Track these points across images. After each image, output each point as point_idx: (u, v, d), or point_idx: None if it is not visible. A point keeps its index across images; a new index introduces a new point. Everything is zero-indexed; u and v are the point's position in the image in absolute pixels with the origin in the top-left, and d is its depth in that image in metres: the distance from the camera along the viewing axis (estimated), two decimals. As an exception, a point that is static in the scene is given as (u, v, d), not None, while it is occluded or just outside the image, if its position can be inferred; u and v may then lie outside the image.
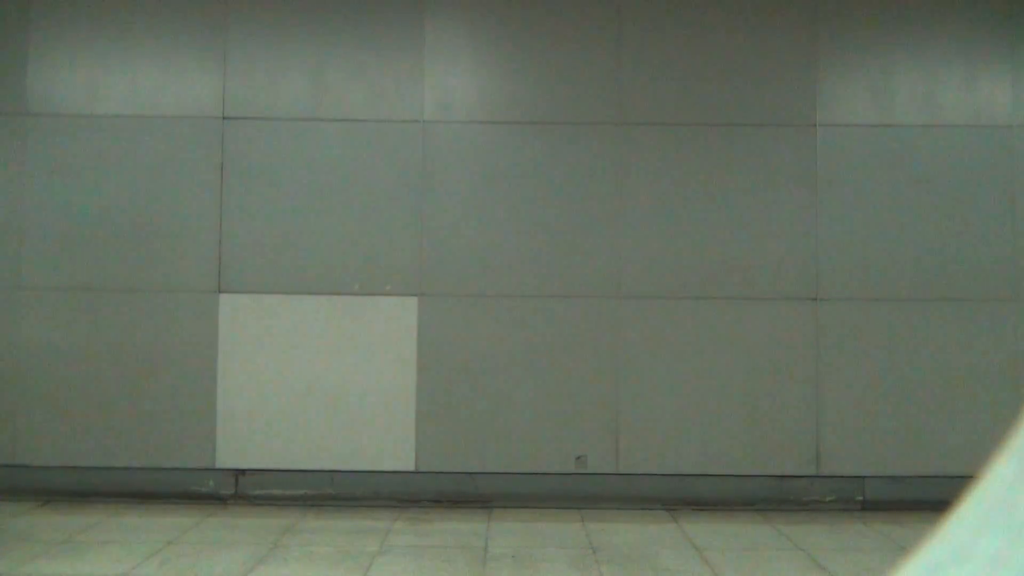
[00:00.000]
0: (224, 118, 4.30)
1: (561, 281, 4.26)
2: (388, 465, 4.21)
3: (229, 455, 4.20)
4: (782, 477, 4.22)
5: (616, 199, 4.29)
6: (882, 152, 4.31)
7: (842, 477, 4.22)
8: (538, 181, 4.30)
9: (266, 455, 4.20)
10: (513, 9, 4.35)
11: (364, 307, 4.24)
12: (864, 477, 4.21)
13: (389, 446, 4.21)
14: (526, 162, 4.30)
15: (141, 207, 4.27)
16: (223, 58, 4.32)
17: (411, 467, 4.21)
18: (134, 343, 4.22)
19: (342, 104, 4.31)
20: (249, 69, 4.32)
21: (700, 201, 4.29)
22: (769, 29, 4.34)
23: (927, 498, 4.10)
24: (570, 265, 4.27)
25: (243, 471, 4.22)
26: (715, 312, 4.25)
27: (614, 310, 4.25)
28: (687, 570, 3.20)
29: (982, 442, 4.08)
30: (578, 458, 4.21)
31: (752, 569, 3.26)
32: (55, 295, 4.24)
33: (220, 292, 4.24)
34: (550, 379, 4.24)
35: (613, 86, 4.32)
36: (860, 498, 4.21)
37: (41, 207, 4.27)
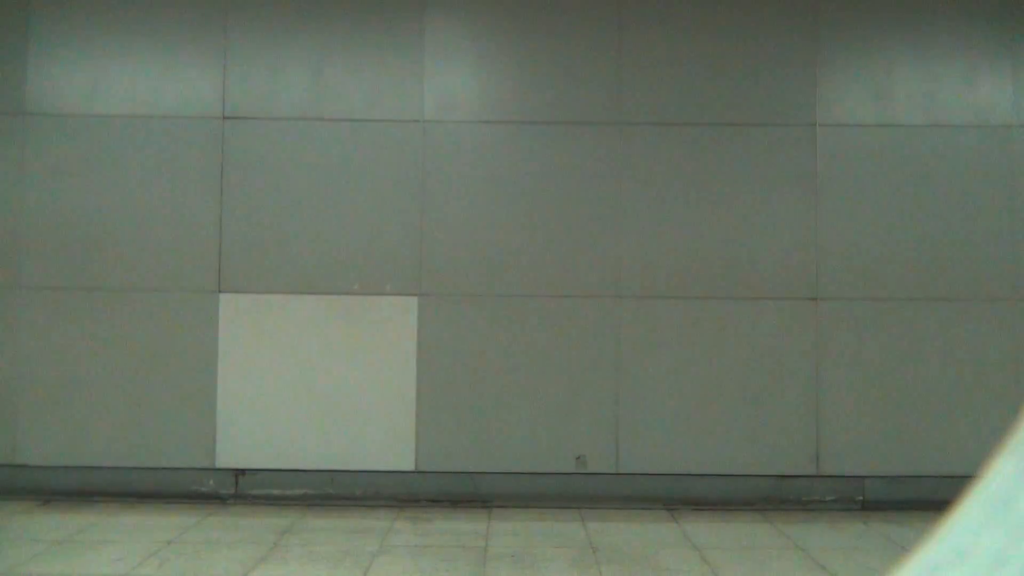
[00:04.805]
0: (224, 118, 4.30)
1: (561, 281, 4.26)
2: (388, 465, 4.21)
3: (229, 455, 4.21)
4: (782, 477, 4.22)
5: (616, 199, 4.29)
6: (882, 152, 4.31)
7: (842, 477, 4.22)
8: (538, 181, 4.30)
9: (266, 455, 4.21)
10: (513, 9, 4.35)
11: (364, 307, 4.24)
12: (864, 477, 4.21)
13: (389, 446, 4.21)
14: (526, 162, 4.30)
15: (141, 207, 4.27)
16: (223, 58, 4.32)
17: (411, 467, 4.21)
18: (134, 343, 4.22)
19: (342, 104, 4.31)
20: (249, 69, 4.32)
21: (700, 201, 4.29)
22: (769, 29, 4.34)
23: (927, 498, 4.10)
24: (570, 265, 4.27)
25: (243, 471, 4.22)
26: (715, 312, 4.25)
27: (614, 310, 4.26)
28: (687, 570, 3.20)
29: (982, 442, 4.08)
30: (578, 458, 4.22)
31: (752, 569, 3.26)
32: (55, 295, 4.24)
33: (220, 292, 4.24)
34: (550, 379, 4.24)
35: (613, 86, 4.32)
36: (860, 498, 4.21)
37: (40, 207, 4.27)
